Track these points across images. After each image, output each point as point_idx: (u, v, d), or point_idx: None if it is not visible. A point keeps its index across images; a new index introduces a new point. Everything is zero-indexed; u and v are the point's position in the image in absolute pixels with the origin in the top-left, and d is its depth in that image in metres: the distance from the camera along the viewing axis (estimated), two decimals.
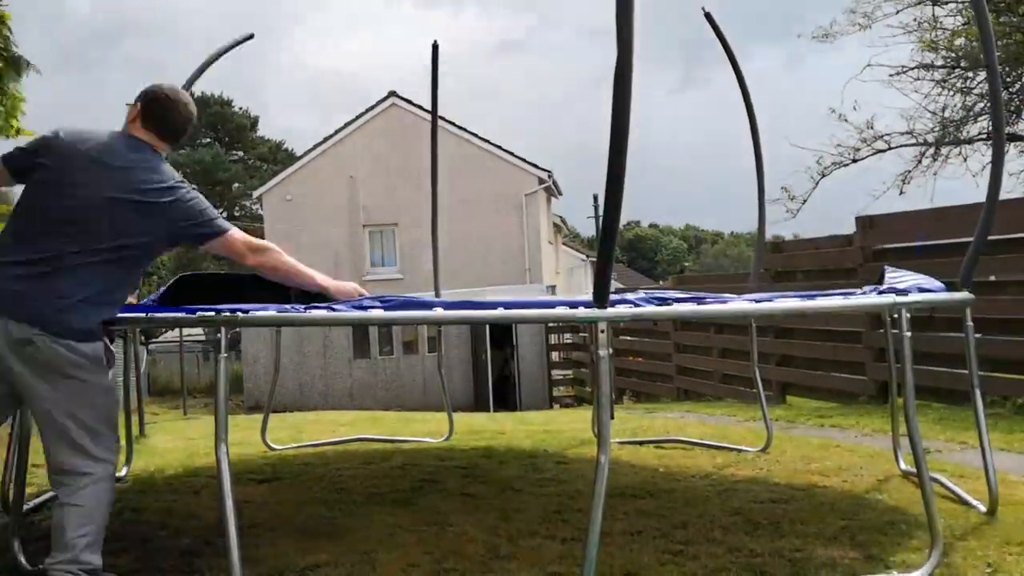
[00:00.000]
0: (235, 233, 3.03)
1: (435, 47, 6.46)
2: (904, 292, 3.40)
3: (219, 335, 2.87)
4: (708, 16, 5.67)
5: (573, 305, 3.06)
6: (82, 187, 2.80)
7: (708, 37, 5.76)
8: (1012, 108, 11.71)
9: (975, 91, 12.17)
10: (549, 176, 24.50)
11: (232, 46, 5.70)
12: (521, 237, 23.93)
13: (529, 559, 3.19)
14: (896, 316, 3.24)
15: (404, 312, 3.05)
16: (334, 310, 2.99)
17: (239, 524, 2.71)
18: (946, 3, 12.29)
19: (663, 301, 3.43)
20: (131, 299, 3.47)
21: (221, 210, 46.54)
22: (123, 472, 5.04)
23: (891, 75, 12.49)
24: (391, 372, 20.40)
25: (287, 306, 3.04)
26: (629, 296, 3.34)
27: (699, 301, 3.37)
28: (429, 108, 6.92)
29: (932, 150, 12.68)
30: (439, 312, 3.06)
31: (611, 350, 3.02)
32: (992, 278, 6.82)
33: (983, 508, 3.69)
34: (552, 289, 22.40)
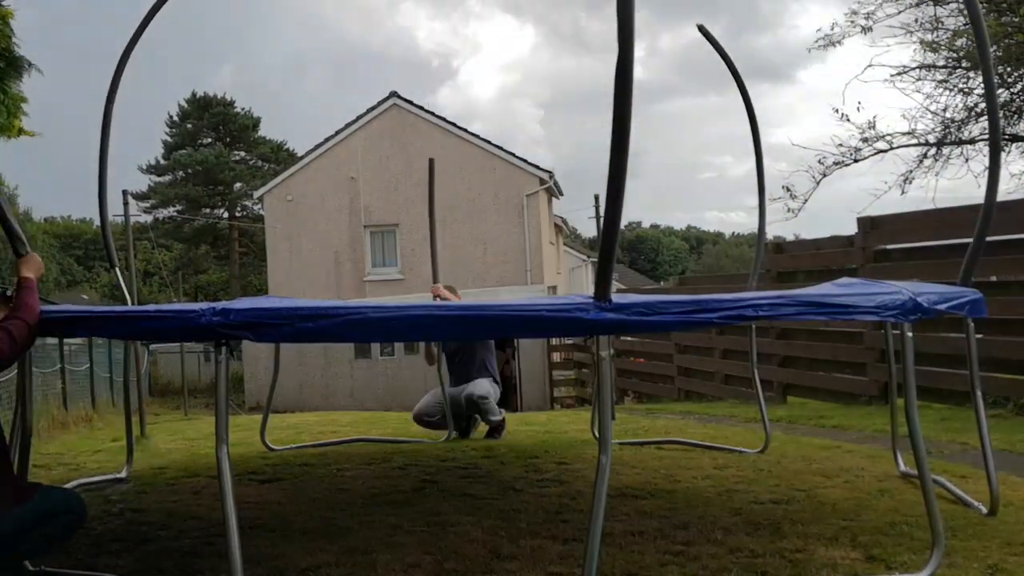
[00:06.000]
0: None
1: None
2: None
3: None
4: (702, 30, 5.67)
5: (573, 302, 3.05)
6: None
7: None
8: (1013, 109, 11.68)
9: (976, 91, 12.15)
10: (550, 176, 24.48)
11: None
12: (522, 238, 23.91)
13: (530, 559, 3.19)
14: None
15: None
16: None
17: (240, 524, 2.71)
18: (948, 3, 12.26)
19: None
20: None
21: (223, 210, 46.53)
22: (124, 472, 5.05)
23: (892, 75, 12.47)
24: (392, 372, 20.41)
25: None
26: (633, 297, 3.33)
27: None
28: (430, 109, 6.93)
29: (934, 150, 12.66)
30: None
31: (612, 351, 3.01)
32: (993, 278, 6.82)
33: (984, 509, 3.68)
34: (553, 290, 22.40)
